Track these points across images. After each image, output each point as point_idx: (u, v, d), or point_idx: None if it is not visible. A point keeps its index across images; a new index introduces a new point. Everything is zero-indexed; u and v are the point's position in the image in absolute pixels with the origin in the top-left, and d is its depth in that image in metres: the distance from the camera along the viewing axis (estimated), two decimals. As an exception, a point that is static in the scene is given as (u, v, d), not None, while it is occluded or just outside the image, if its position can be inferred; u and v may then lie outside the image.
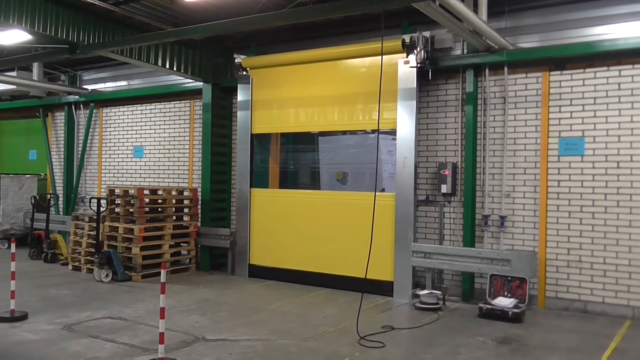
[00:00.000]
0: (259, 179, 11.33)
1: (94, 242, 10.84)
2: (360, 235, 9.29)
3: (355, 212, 9.79)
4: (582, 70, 8.59)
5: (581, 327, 7.68)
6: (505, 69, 9.08)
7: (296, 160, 12.13)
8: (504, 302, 8.11)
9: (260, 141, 11.38)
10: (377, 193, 7.78)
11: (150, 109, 13.51)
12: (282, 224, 10.73)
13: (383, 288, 9.39)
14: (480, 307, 8.14)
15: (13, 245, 7.89)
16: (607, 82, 8.40)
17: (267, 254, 10.90)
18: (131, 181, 13.82)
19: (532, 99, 8.97)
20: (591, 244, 8.47)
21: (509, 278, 8.44)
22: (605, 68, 8.41)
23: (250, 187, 11.11)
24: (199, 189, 12.03)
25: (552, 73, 8.81)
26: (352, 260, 9.59)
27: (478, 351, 6.52)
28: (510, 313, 7.86)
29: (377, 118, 8.69)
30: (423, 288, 9.01)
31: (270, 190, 11.27)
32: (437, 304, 8.53)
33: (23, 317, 7.50)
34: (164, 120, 13.25)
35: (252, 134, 11.12)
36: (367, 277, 7.68)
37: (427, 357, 6.31)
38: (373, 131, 9.84)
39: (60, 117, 15.27)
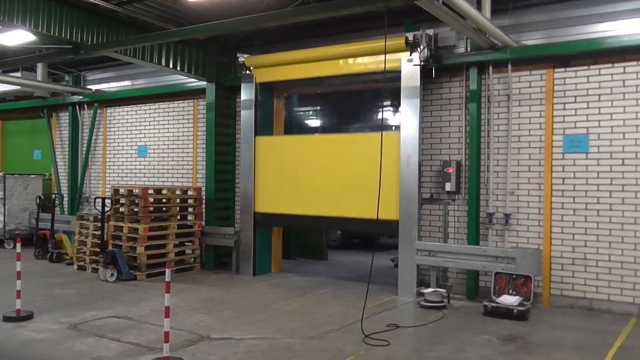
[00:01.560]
0: (263, 128, 11.24)
1: (99, 241, 10.88)
2: (367, 176, 9.38)
3: (361, 153, 9.79)
4: (586, 67, 8.56)
5: (586, 325, 7.66)
6: (509, 66, 9.06)
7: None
8: (509, 300, 8.10)
9: (264, 91, 11.31)
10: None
11: (154, 109, 13.53)
12: (288, 169, 10.66)
13: (390, 227, 9.39)
14: (485, 305, 8.13)
15: (18, 245, 7.92)
16: (612, 79, 8.37)
17: (274, 201, 10.82)
18: (135, 181, 13.85)
19: (536, 97, 8.94)
20: (596, 242, 8.44)
21: (514, 276, 8.43)
22: (610, 65, 8.38)
23: (255, 135, 11.02)
24: (203, 189, 12.05)
25: (556, 70, 8.79)
26: (359, 202, 9.61)
27: (483, 349, 6.52)
28: (515, 311, 7.85)
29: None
30: (428, 286, 9.01)
31: (276, 138, 11.28)
32: (442, 302, 8.52)
33: (29, 316, 7.54)
34: (168, 120, 13.27)
35: (256, 83, 11.00)
36: (370, 216, 7.85)
37: (433, 355, 6.31)
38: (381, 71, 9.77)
39: (65, 117, 15.31)
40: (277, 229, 11.73)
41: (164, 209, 11.25)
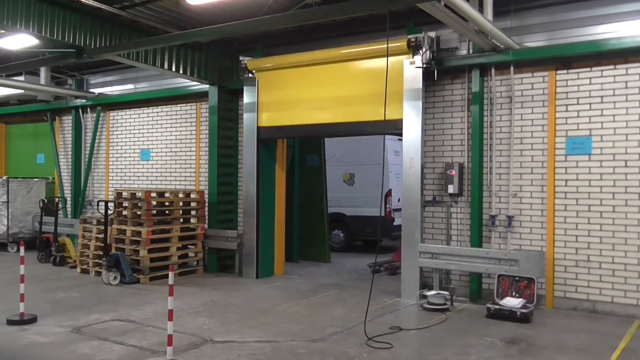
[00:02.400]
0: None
1: (102, 245, 10.89)
2: (370, 80, 9.57)
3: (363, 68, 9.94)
4: (588, 69, 8.56)
5: (590, 327, 7.64)
6: (512, 68, 9.06)
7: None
8: (512, 302, 8.09)
9: None
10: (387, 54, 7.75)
11: (157, 112, 13.56)
12: (291, 79, 10.70)
13: (395, 126, 9.39)
14: (488, 307, 8.12)
15: (22, 249, 7.94)
16: (614, 81, 8.36)
17: (278, 114, 10.85)
18: (138, 184, 13.87)
19: (538, 98, 8.94)
20: (599, 243, 8.43)
21: (517, 278, 8.41)
22: (612, 66, 8.38)
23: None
24: (206, 191, 12.06)
25: (558, 72, 8.78)
26: (362, 105, 9.75)
27: (487, 352, 6.51)
28: (518, 313, 7.84)
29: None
30: (430, 289, 9.00)
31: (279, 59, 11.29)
32: (445, 304, 8.51)
33: (32, 320, 7.55)
34: (171, 123, 13.30)
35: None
36: (376, 118, 8.42)
37: (436, 357, 6.30)
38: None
39: (68, 120, 15.35)
40: (279, 233, 11.75)
41: (166, 212, 11.27)
